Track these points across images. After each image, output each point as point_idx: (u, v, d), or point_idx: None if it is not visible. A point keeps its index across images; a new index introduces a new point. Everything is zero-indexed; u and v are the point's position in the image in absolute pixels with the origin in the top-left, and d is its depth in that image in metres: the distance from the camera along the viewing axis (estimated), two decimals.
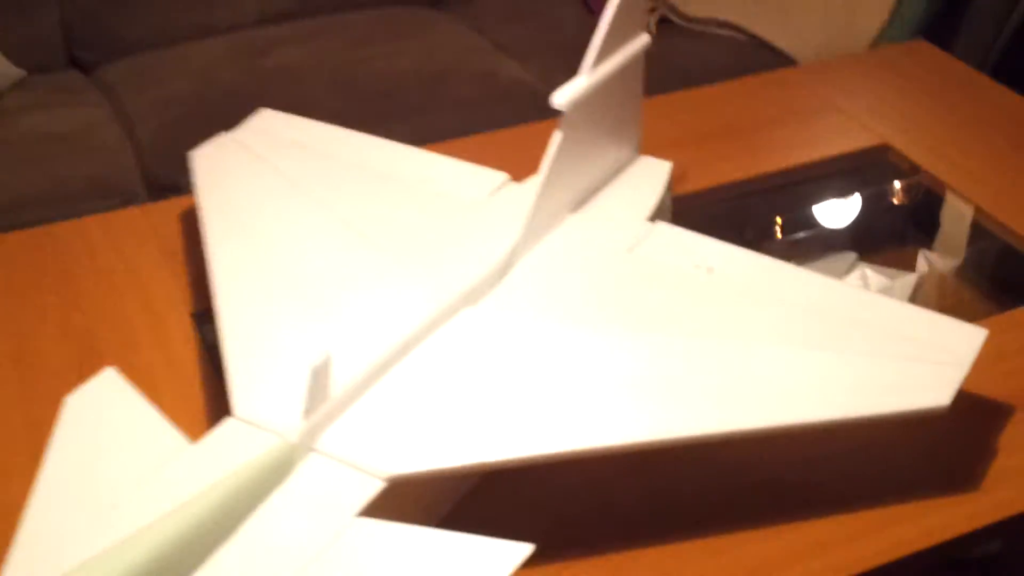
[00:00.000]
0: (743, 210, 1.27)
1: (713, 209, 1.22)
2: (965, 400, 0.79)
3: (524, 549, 0.66)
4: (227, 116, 1.11)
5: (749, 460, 0.83)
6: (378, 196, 0.99)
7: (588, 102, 0.91)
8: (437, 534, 0.69)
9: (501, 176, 0.99)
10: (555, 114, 0.89)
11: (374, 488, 0.71)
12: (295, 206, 0.97)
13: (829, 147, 1.25)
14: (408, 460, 0.73)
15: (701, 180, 1.17)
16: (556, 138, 0.90)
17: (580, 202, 0.97)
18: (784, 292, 0.87)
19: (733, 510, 0.80)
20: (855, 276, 1.22)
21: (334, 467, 0.73)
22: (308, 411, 0.73)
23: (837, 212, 1.29)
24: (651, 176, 1.02)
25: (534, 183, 0.91)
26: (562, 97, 0.88)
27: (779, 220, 1.29)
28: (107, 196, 1.49)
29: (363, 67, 1.75)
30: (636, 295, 0.87)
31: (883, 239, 1.31)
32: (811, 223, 1.28)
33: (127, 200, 1.46)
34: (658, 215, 1.00)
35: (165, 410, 0.77)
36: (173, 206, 1.12)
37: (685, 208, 1.12)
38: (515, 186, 0.98)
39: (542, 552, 0.67)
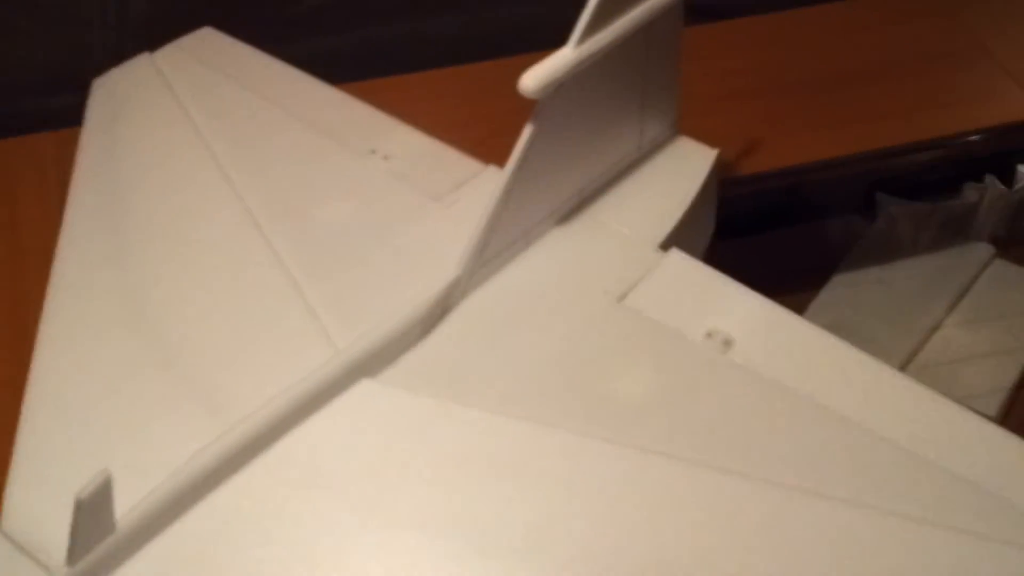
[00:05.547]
0: (832, 183, 0.97)
1: (788, 180, 0.94)
2: None
3: None
4: None
5: None
6: (305, 177, 0.74)
7: (579, 83, 0.64)
8: None
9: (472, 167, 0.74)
10: None
11: None
12: (193, 181, 0.73)
13: (968, 116, 0.92)
14: None
15: (765, 158, 0.89)
16: (526, 134, 0.63)
17: (571, 210, 0.71)
18: (834, 391, 0.60)
19: None
20: (989, 275, 0.92)
21: None
22: (74, 553, 0.50)
23: (974, 190, 0.94)
24: (683, 173, 0.74)
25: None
26: (532, 81, 0.61)
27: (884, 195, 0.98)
28: None
29: None
30: (612, 380, 0.60)
31: None
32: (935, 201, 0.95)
33: None
34: (691, 222, 0.73)
35: None
36: None
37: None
38: (493, 173, 0.72)
39: None
